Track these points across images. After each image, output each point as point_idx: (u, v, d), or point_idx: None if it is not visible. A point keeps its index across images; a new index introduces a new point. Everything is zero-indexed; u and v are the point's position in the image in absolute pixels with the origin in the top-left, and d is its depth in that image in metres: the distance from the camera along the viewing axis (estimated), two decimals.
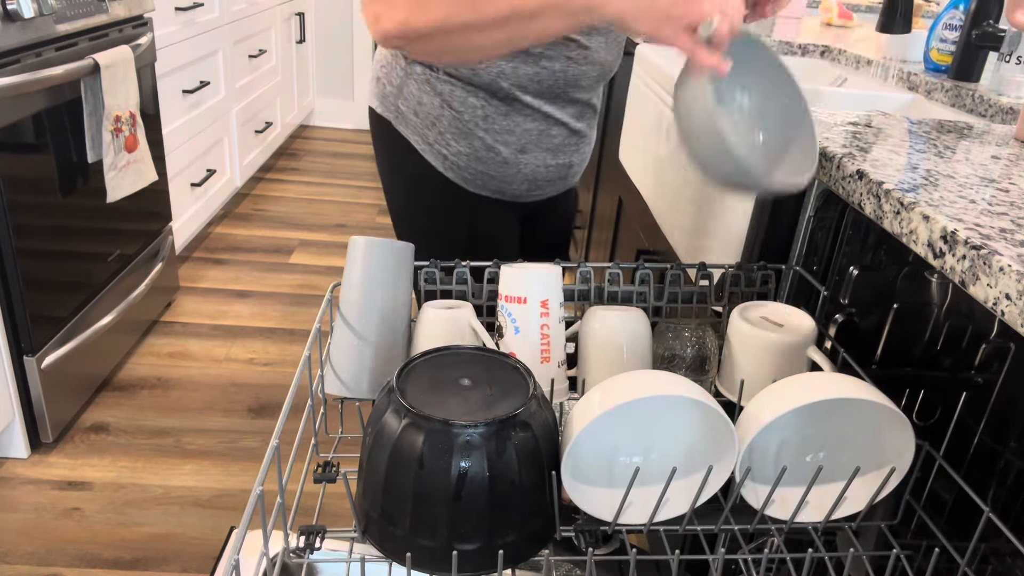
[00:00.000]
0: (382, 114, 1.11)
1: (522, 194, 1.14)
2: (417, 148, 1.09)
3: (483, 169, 1.09)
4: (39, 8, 1.54)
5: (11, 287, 1.55)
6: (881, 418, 0.67)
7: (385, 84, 1.10)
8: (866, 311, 0.94)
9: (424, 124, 1.07)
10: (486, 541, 0.61)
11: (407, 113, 1.07)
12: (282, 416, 0.66)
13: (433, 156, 1.08)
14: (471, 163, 1.08)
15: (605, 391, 0.65)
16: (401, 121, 1.09)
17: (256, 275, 2.64)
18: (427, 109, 1.06)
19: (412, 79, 1.06)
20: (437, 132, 1.06)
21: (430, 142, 1.08)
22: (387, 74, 1.09)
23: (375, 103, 1.13)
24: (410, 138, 1.09)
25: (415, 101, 1.06)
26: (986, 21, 1.33)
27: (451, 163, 1.08)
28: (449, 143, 1.07)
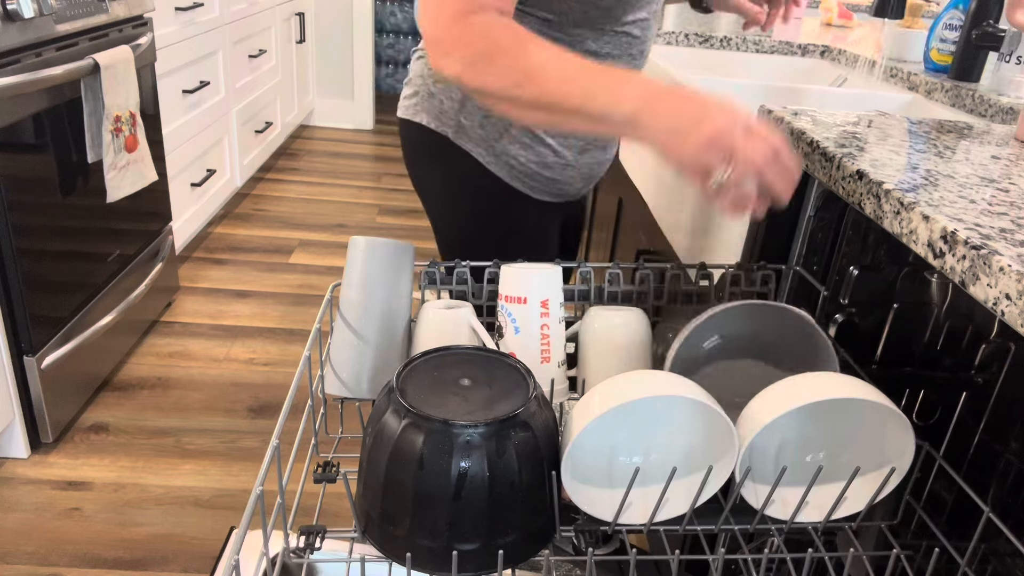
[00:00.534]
0: (437, 129, 1.09)
1: (577, 192, 1.18)
2: (481, 161, 1.08)
3: (549, 175, 1.10)
4: (39, 8, 1.54)
5: (11, 287, 1.55)
6: (881, 418, 0.67)
7: (443, 100, 1.08)
8: (866, 311, 0.94)
9: (491, 137, 1.07)
10: (486, 541, 0.61)
11: (470, 127, 1.07)
12: (282, 416, 0.66)
13: (499, 167, 1.09)
14: (539, 170, 1.09)
15: (605, 391, 0.65)
16: (462, 135, 1.08)
17: (256, 275, 2.64)
18: (493, 121, 1.06)
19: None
20: (505, 143, 1.07)
21: (496, 153, 1.08)
22: (444, 90, 1.08)
23: (426, 119, 1.10)
24: (472, 151, 1.08)
25: (480, 114, 1.06)
26: (986, 21, 1.33)
27: (518, 172, 1.09)
28: (518, 154, 1.08)
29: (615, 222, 1.98)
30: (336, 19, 4.25)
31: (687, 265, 0.95)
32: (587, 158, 1.12)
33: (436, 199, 1.16)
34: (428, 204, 1.18)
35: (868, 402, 0.64)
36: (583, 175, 1.14)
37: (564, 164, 1.10)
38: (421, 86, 1.11)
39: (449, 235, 1.18)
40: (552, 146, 1.08)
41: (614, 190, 1.97)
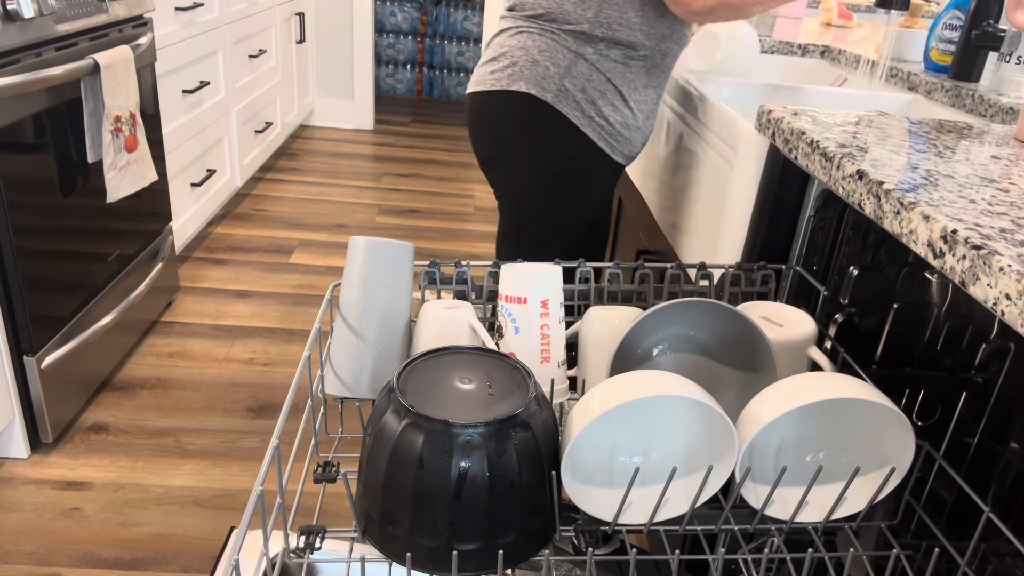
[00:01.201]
0: (538, 95, 1.25)
1: (635, 154, 1.38)
2: (576, 123, 1.26)
3: (628, 135, 1.31)
4: (39, 8, 1.54)
5: (11, 287, 1.55)
6: (881, 418, 0.67)
7: (548, 66, 1.24)
8: (866, 311, 0.94)
9: (588, 100, 1.25)
10: (486, 541, 0.61)
11: (573, 91, 1.24)
12: (282, 416, 0.66)
13: (591, 128, 1.27)
14: (622, 130, 1.29)
15: (605, 391, 0.65)
16: (562, 99, 1.24)
17: (256, 275, 2.64)
18: (596, 84, 1.24)
19: (582, 59, 1.24)
20: (600, 105, 1.26)
21: (590, 115, 1.26)
22: (550, 57, 1.24)
23: (524, 86, 1.25)
24: (570, 115, 1.25)
25: (584, 78, 1.24)
26: (986, 21, 1.33)
27: (606, 132, 1.28)
28: (608, 114, 1.27)
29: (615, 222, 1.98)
30: (336, 19, 4.25)
31: (687, 265, 0.95)
32: (650, 123, 1.35)
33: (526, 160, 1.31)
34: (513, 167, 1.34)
35: (868, 402, 0.64)
36: (643, 139, 1.36)
37: (637, 127, 1.31)
38: (521, 57, 1.26)
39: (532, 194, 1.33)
40: (633, 108, 1.28)
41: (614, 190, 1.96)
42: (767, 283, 0.95)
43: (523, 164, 1.31)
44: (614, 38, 1.23)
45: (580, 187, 1.32)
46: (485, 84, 1.30)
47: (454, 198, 3.53)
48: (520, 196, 1.35)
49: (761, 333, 0.77)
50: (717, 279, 0.95)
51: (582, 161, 1.30)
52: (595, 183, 1.34)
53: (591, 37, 1.23)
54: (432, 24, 5.31)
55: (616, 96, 1.26)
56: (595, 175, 1.32)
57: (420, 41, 5.35)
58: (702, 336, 0.83)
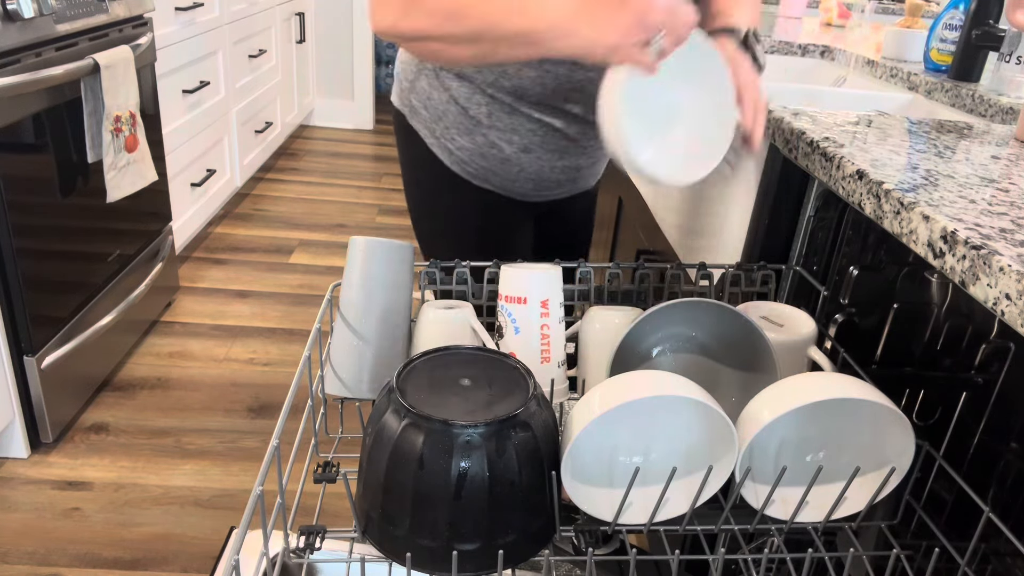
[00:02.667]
0: (398, 107, 1.16)
1: (528, 193, 1.15)
2: (426, 142, 1.12)
3: (486, 165, 1.10)
4: (39, 8, 1.54)
5: (11, 287, 1.55)
6: (881, 418, 0.67)
7: (402, 80, 1.14)
8: (866, 311, 0.94)
9: (432, 118, 1.10)
10: (486, 541, 0.61)
11: (418, 107, 1.12)
12: (282, 416, 0.66)
13: (440, 150, 1.12)
14: (474, 158, 1.10)
15: (605, 391, 0.65)
16: (413, 115, 1.13)
17: (256, 275, 2.64)
18: (435, 104, 1.09)
19: (423, 75, 1.09)
20: (444, 126, 1.10)
21: (437, 136, 1.11)
22: (403, 69, 1.14)
23: (394, 97, 1.18)
24: (420, 132, 1.13)
25: (425, 96, 1.10)
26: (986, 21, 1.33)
27: (456, 157, 1.11)
28: (454, 137, 1.10)
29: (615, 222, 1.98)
30: (336, 19, 4.25)
31: (687, 265, 0.95)
32: (533, 158, 1.10)
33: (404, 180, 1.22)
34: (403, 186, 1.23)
35: (868, 402, 0.64)
36: (529, 176, 1.12)
37: (503, 159, 1.09)
38: (396, 68, 1.17)
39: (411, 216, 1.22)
40: (487, 136, 1.08)
41: (614, 190, 1.97)
42: (767, 283, 0.95)
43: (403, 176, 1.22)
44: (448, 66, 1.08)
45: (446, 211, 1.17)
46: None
47: None
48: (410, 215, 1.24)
49: (761, 333, 0.77)
50: (717, 279, 0.95)
51: (442, 187, 1.14)
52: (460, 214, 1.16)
53: None
54: None
55: (461, 118, 1.08)
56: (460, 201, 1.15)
57: None
58: (702, 336, 0.83)
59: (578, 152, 1.13)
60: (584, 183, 1.20)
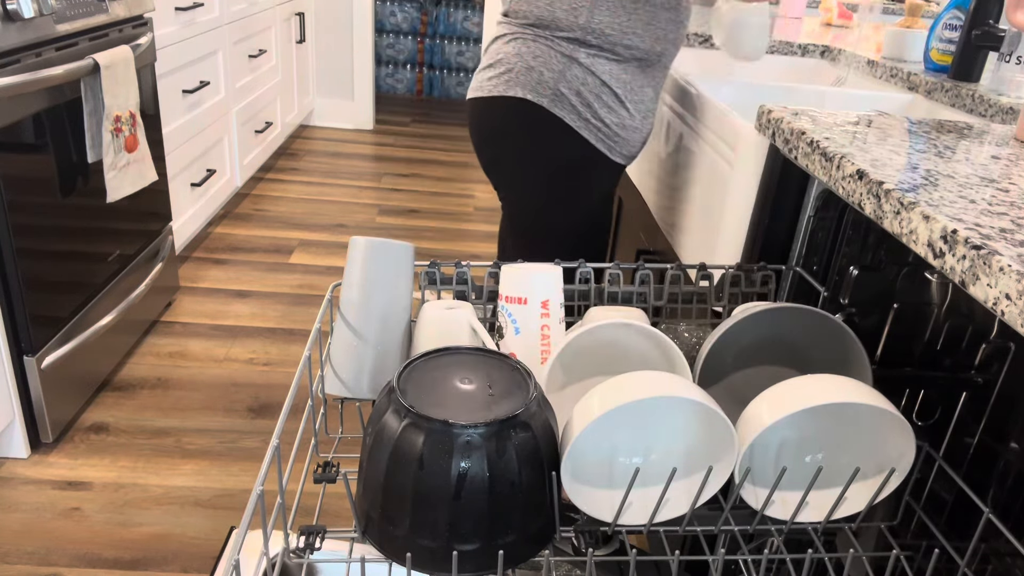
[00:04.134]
0: (534, 100, 1.26)
1: (635, 154, 1.38)
2: (572, 126, 1.27)
3: (626, 136, 1.31)
4: (39, 8, 1.54)
5: (11, 287, 1.55)
6: (881, 421, 0.67)
7: (542, 71, 1.25)
8: (866, 311, 0.94)
9: (583, 103, 1.26)
10: (486, 541, 0.61)
11: (568, 95, 1.25)
12: (282, 416, 0.66)
13: (588, 131, 1.28)
14: (619, 131, 1.30)
15: (605, 392, 0.65)
16: (557, 103, 1.26)
17: (256, 275, 2.64)
18: (590, 87, 1.25)
19: (576, 64, 1.25)
20: (596, 107, 1.27)
21: (586, 118, 1.27)
22: (544, 63, 1.25)
23: (521, 91, 1.27)
24: (566, 118, 1.26)
25: (579, 82, 1.25)
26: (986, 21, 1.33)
27: (603, 134, 1.29)
28: (604, 116, 1.27)
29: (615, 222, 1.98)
30: (336, 19, 4.24)
31: (687, 265, 0.95)
32: (648, 123, 1.35)
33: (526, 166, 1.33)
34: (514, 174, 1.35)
35: (868, 405, 0.64)
36: (642, 139, 1.36)
37: (635, 127, 1.32)
38: (516, 63, 1.27)
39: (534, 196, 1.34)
40: (629, 109, 1.29)
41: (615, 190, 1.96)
42: (767, 284, 0.95)
43: (524, 167, 1.33)
44: (606, 43, 1.24)
45: (580, 189, 1.33)
46: (483, 90, 1.32)
47: (454, 198, 3.53)
48: (522, 198, 1.36)
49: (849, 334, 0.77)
50: (717, 280, 0.95)
51: (581, 163, 1.31)
52: (594, 184, 1.35)
53: (584, 42, 1.24)
54: (432, 24, 5.31)
55: (612, 98, 1.27)
56: (594, 176, 1.34)
57: (420, 41, 5.35)
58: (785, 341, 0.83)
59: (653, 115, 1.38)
60: None
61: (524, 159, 1.32)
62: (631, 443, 0.70)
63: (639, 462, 0.70)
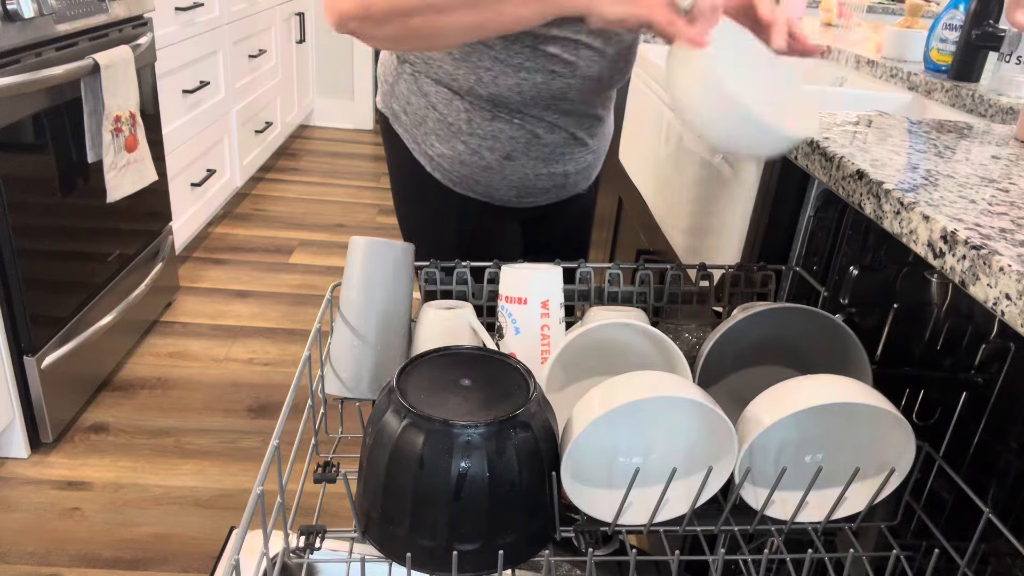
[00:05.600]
0: (381, 110, 1.13)
1: (511, 200, 1.11)
2: (408, 147, 1.09)
3: (467, 173, 1.07)
4: (39, 8, 1.54)
5: (11, 287, 1.55)
6: (881, 421, 0.67)
7: (382, 82, 1.11)
8: (866, 311, 0.94)
9: (412, 123, 1.07)
10: (486, 541, 0.61)
11: (399, 112, 1.08)
12: (282, 416, 0.66)
13: (421, 156, 1.08)
14: (455, 166, 1.06)
15: (605, 392, 0.65)
16: (395, 119, 1.10)
17: (256, 275, 2.64)
18: (415, 108, 1.05)
19: (402, 78, 1.06)
20: (423, 132, 1.06)
21: (418, 141, 1.07)
22: (384, 72, 1.10)
23: (378, 99, 1.14)
24: (402, 136, 1.09)
25: (404, 100, 1.06)
26: (986, 21, 1.33)
27: (436, 164, 1.07)
28: (433, 144, 1.05)
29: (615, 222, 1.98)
30: None
31: (687, 265, 0.95)
32: (516, 166, 1.06)
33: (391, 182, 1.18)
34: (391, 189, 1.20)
35: (868, 406, 0.64)
36: (512, 183, 1.08)
37: (484, 166, 1.05)
38: (378, 69, 1.13)
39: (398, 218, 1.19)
40: (468, 143, 1.04)
41: (614, 190, 1.97)
42: (767, 284, 0.95)
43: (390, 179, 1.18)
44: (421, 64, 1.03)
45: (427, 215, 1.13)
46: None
47: None
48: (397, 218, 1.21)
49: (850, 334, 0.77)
50: (717, 280, 0.95)
51: (422, 188, 1.10)
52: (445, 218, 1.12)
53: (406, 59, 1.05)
54: None
55: (440, 125, 1.04)
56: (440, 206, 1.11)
57: None
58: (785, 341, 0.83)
59: (566, 159, 1.10)
60: (574, 188, 1.16)
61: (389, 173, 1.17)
62: (631, 443, 0.70)
63: (639, 462, 0.70)
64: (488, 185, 1.08)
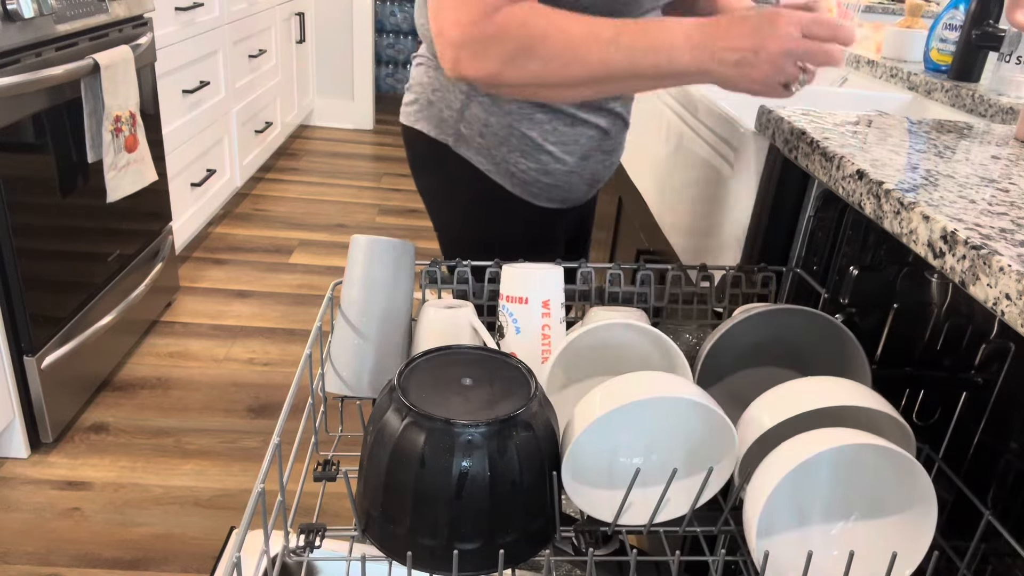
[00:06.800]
0: (437, 138, 1.08)
1: (582, 197, 1.15)
2: (481, 168, 1.07)
3: (551, 181, 1.09)
4: (39, 8, 1.54)
5: (11, 287, 1.55)
6: (880, 423, 0.67)
7: (442, 108, 1.07)
8: (866, 311, 0.94)
9: (491, 145, 1.05)
10: (487, 541, 0.61)
11: (470, 136, 1.06)
12: (283, 414, 0.66)
13: (500, 175, 1.07)
14: (539, 177, 1.08)
15: (606, 392, 0.65)
16: (462, 144, 1.07)
17: (256, 275, 2.64)
18: (494, 130, 1.04)
19: (475, 102, 1.04)
20: (505, 151, 1.05)
21: (497, 162, 1.06)
22: (442, 98, 1.07)
23: (426, 127, 1.09)
24: (473, 159, 1.07)
25: (481, 123, 1.04)
26: (986, 21, 1.33)
27: (519, 180, 1.07)
28: (518, 161, 1.06)
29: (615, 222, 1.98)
30: (336, 19, 4.25)
31: (688, 266, 0.95)
32: (591, 163, 1.10)
33: (440, 205, 1.15)
34: (431, 209, 1.17)
35: (868, 408, 0.65)
36: (587, 180, 1.12)
37: (567, 171, 1.08)
38: (420, 94, 1.09)
39: (452, 242, 1.17)
40: (553, 153, 1.06)
41: (614, 190, 1.97)
42: (767, 285, 0.95)
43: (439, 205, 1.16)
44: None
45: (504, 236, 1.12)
46: (403, 116, 1.15)
47: None
48: (442, 237, 1.18)
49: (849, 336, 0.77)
50: (717, 281, 0.95)
51: (499, 207, 1.10)
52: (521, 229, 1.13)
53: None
54: None
55: (524, 142, 1.05)
56: (519, 221, 1.12)
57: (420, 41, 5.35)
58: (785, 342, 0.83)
59: (619, 146, 1.16)
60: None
61: (438, 197, 1.14)
62: (632, 443, 0.70)
63: (639, 462, 0.70)
64: (568, 189, 1.11)
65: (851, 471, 0.66)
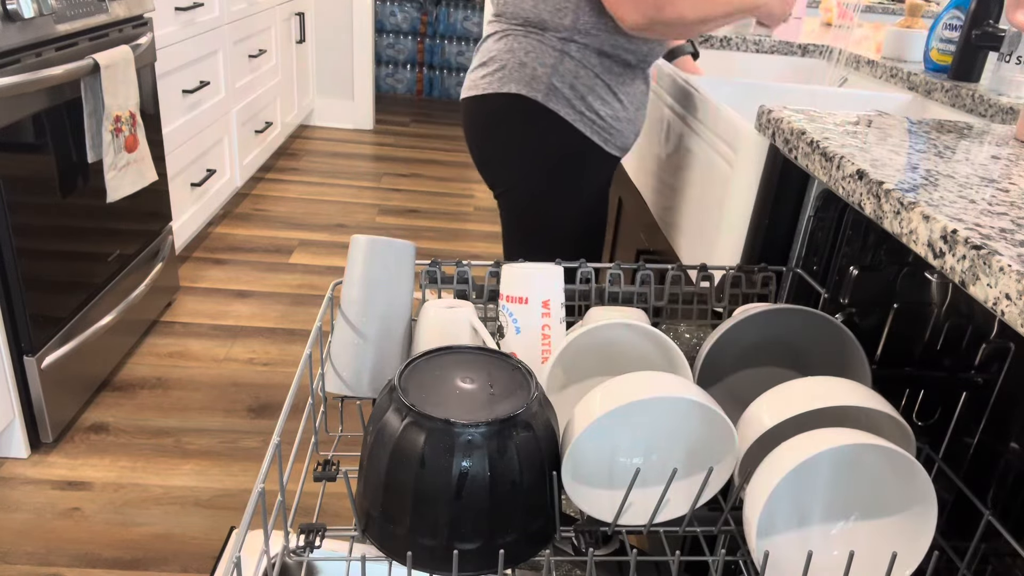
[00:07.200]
0: (528, 95, 1.27)
1: (629, 146, 1.40)
2: (568, 119, 1.28)
3: (620, 127, 1.33)
4: (39, 8, 1.54)
5: (11, 287, 1.55)
6: (880, 423, 0.67)
7: (535, 67, 1.27)
8: (866, 311, 0.94)
9: (577, 96, 1.28)
10: (486, 541, 0.61)
11: (562, 88, 1.27)
12: (283, 414, 0.66)
13: (583, 123, 1.29)
14: (613, 123, 1.31)
15: (606, 392, 0.65)
16: (552, 97, 1.27)
17: (256, 275, 2.64)
18: (583, 80, 1.27)
19: (568, 56, 1.26)
20: (590, 100, 1.29)
21: (581, 111, 1.29)
22: (536, 58, 1.27)
23: (516, 87, 1.28)
24: (561, 111, 1.28)
25: (572, 75, 1.27)
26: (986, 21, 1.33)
27: (598, 126, 1.30)
28: (599, 109, 1.29)
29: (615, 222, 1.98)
30: (336, 19, 4.24)
31: (688, 266, 0.95)
32: (640, 114, 1.38)
33: (525, 158, 1.33)
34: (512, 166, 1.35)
35: (868, 408, 0.65)
36: (635, 131, 1.38)
37: (628, 119, 1.34)
38: (509, 59, 1.29)
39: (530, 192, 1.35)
40: (623, 101, 1.32)
41: (614, 190, 1.97)
42: (767, 285, 0.95)
43: (522, 161, 1.33)
44: (594, 41, 1.26)
45: (577, 182, 1.35)
46: (478, 88, 1.33)
47: (454, 198, 3.53)
48: (521, 193, 1.37)
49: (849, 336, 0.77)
50: (718, 281, 0.95)
51: (577, 156, 1.32)
52: (591, 176, 1.36)
53: (573, 39, 1.27)
54: (432, 24, 5.31)
55: (605, 90, 1.29)
56: (591, 169, 1.35)
57: (420, 41, 5.35)
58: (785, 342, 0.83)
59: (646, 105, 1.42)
60: None
61: (523, 154, 1.33)
62: (632, 443, 0.70)
63: (639, 462, 0.70)
64: (626, 136, 1.37)
65: (851, 471, 0.66)
